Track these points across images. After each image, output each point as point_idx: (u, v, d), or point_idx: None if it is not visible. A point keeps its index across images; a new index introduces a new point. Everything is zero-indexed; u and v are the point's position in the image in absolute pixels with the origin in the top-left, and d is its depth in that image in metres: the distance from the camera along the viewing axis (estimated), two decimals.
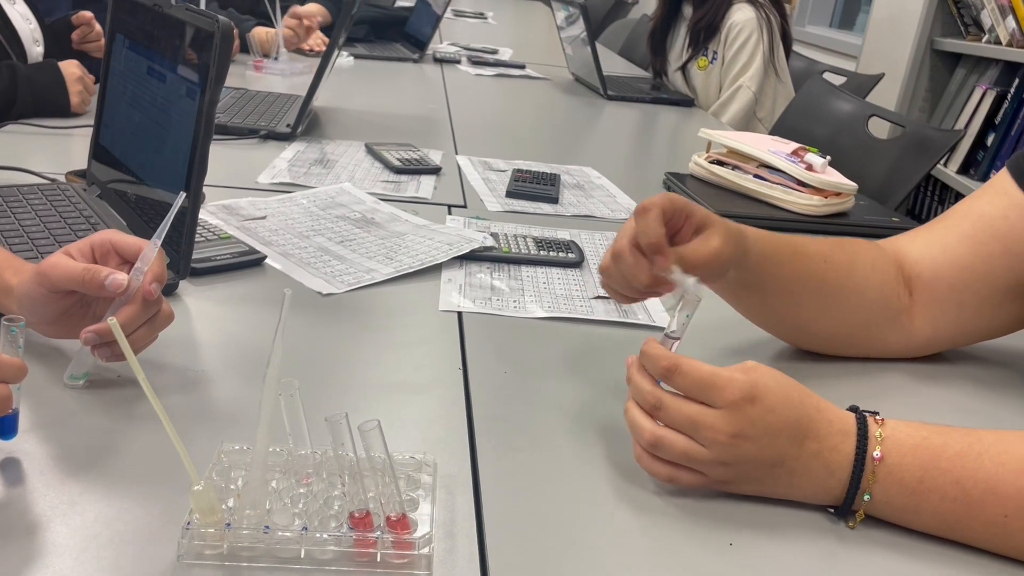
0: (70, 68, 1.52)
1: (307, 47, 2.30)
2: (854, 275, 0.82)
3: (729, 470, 0.61)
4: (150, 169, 0.97)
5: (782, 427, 0.61)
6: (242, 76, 2.08)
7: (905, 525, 0.62)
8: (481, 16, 4.33)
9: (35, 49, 1.71)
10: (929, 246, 0.85)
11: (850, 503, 0.61)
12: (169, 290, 0.87)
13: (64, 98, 1.50)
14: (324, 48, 2.36)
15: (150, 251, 0.68)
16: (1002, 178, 0.85)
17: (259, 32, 2.36)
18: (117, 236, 0.70)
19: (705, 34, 2.41)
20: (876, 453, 0.60)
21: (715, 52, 2.42)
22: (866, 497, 0.61)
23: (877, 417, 0.63)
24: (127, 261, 0.70)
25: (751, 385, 0.60)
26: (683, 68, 2.52)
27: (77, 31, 1.80)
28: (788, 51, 2.47)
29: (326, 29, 2.47)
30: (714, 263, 0.70)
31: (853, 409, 0.64)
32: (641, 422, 0.63)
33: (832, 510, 0.63)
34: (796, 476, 0.62)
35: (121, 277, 0.66)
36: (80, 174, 1.15)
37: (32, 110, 1.47)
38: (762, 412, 0.60)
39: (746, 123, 2.33)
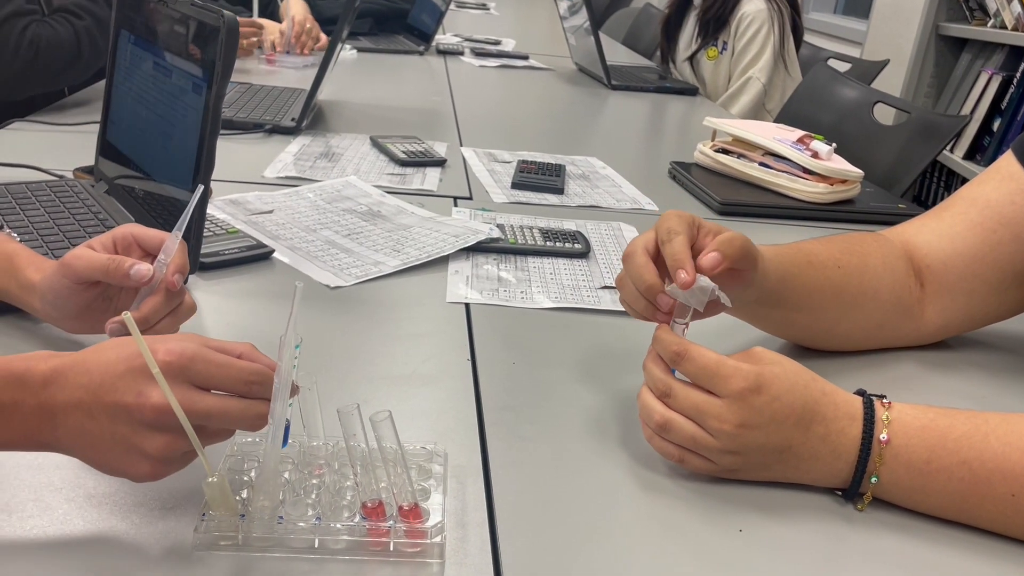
0: None
1: (307, 52, 2.30)
2: (867, 277, 0.82)
3: (737, 459, 0.62)
4: (157, 165, 0.97)
5: (788, 414, 0.61)
6: (248, 71, 2.09)
7: (913, 507, 0.62)
8: (483, 7, 4.32)
9: None
10: (938, 236, 0.85)
11: (857, 486, 0.62)
12: None
13: None
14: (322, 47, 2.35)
15: (172, 242, 0.69)
16: (1007, 161, 0.84)
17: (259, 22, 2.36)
18: (139, 229, 0.71)
19: (714, 26, 2.40)
20: (883, 436, 0.61)
21: (725, 43, 2.41)
22: (873, 479, 0.61)
23: (884, 400, 0.63)
24: (149, 254, 0.70)
25: (756, 375, 0.61)
26: (691, 59, 2.51)
27: None
28: (799, 43, 2.45)
29: (323, 23, 2.47)
30: (747, 256, 0.69)
31: (860, 393, 0.64)
32: (652, 405, 0.64)
33: (840, 493, 0.63)
34: (804, 460, 0.62)
35: (145, 267, 0.67)
36: (88, 170, 1.16)
37: None
38: (768, 400, 0.61)
39: (755, 115, 2.33)
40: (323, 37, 2.34)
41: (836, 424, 0.62)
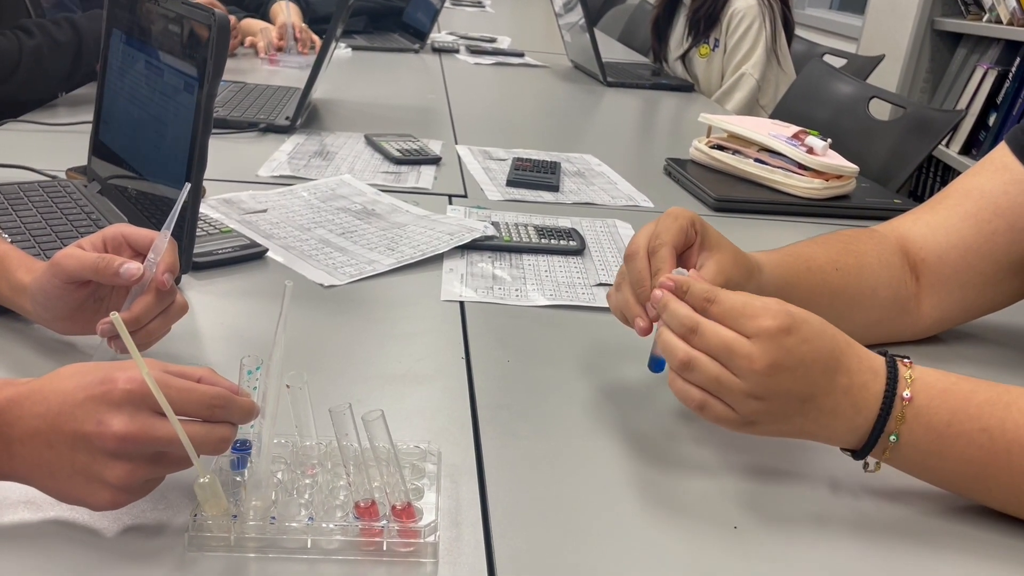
0: None
1: (305, 51, 2.30)
2: (865, 276, 0.82)
3: (760, 405, 0.59)
4: (150, 164, 0.97)
5: (817, 359, 0.59)
6: (245, 70, 2.08)
7: (927, 472, 0.61)
8: (479, 4, 4.31)
9: None
10: (933, 229, 0.85)
11: (873, 443, 0.60)
12: None
13: None
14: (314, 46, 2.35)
15: (161, 242, 0.69)
16: (1001, 152, 0.85)
17: (253, 24, 2.36)
18: (129, 229, 0.71)
19: (705, 24, 2.40)
20: (906, 394, 0.59)
21: (717, 40, 2.41)
22: (893, 438, 0.59)
23: (905, 360, 0.62)
24: (140, 253, 0.70)
25: (786, 314, 0.59)
26: (683, 57, 2.51)
27: None
28: (790, 38, 2.45)
29: (317, 21, 2.46)
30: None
31: (882, 353, 0.63)
32: (675, 343, 0.61)
33: (851, 453, 0.62)
34: (824, 414, 0.60)
35: (135, 265, 0.67)
36: (81, 170, 1.15)
37: (95, 55, 1.50)
38: (798, 342, 0.58)
39: (749, 111, 2.33)
40: (315, 38, 2.34)
41: (859, 377, 0.60)
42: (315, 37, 2.34)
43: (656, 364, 0.67)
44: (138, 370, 0.51)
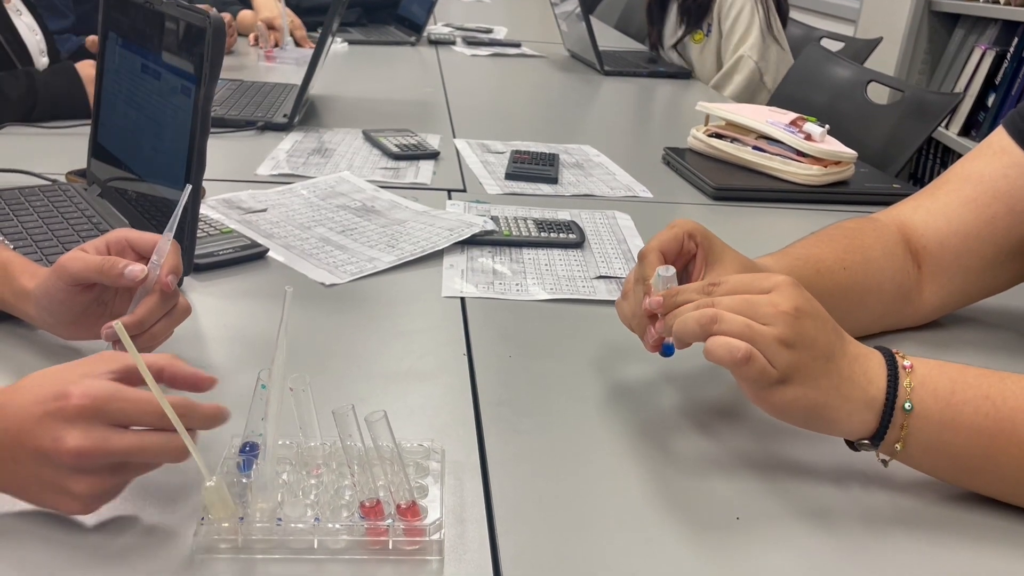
0: (87, 69, 1.51)
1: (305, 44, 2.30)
2: (871, 272, 0.82)
3: (793, 355, 0.58)
4: (149, 166, 0.97)
5: (828, 316, 0.61)
6: (244, 67, 2.08)
7: (941, 451, 0.60)
8: None
9: (41, 60, 1.70)
10: (933, 215, 0.86)
11: (890, 414, 0.59)
12: None
13: (83, 99, 1.49)
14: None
15: (164, 244, 0.69)
16: (999, 136, 0.85)
17: (248, 15, 2.36)
18: (132, 233, 0.71)
19: (696, 13, 2.40)
20: (905, 363, 0.61)
21: (709, 25, 2.41)
22: (907, 406, 0.59)
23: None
24: (143, 256, 0.71)
25: (792, 278, 0.61)
26: (676, 45, 2.50)
27: (90, 38, 1.79)
28: (784, 20, 2.45)
29: (303, 12, 2.46)
30: None
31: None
32: (691, 313, 0.61)
33: (867, 443, 0.61)
34: (844, 380, 0.59)
35: (139, 267, 0.68)
36: (80, 174, 1.15)
37: (51, 114, 1.47)
38: (810, 297, 0.61)
39: (751, 92, 2.32)
40: (301, 37, 2.35)
41: (860, 349, 0.62)
42: (302, 36, 2.33)
43: (666, 348, 0.68)
44: (91, 382, 0.52)
